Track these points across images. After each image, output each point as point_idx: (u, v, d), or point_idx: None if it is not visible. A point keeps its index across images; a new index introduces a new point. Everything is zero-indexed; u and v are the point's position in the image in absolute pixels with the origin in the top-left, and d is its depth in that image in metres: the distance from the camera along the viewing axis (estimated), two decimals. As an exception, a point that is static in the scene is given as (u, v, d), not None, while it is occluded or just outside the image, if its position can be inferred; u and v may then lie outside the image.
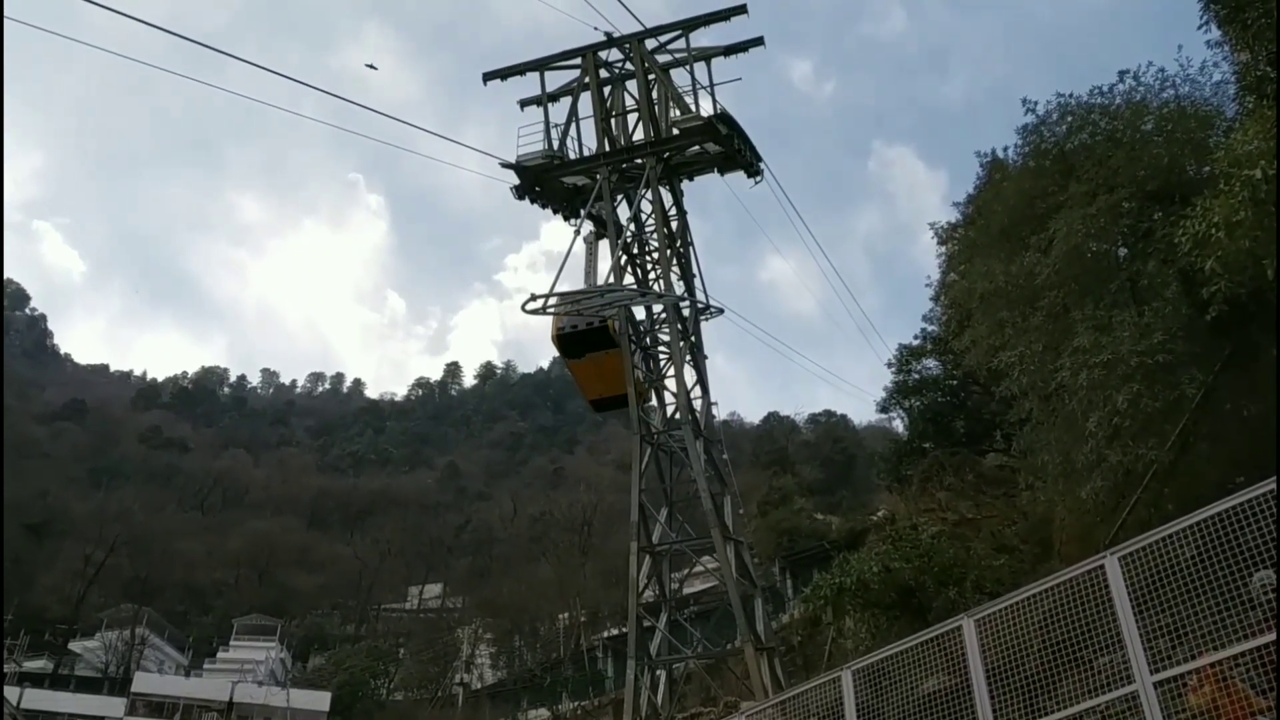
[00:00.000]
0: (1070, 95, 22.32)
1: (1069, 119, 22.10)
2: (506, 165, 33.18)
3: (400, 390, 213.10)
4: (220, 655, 78.97)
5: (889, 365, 40.40)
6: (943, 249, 32.01)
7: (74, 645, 75.98)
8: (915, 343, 39.42)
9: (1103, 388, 18.14)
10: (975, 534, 28.04)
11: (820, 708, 13.89)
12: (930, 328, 38.45)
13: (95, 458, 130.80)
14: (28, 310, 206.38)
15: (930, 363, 38.74)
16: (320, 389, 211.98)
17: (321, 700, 62.86)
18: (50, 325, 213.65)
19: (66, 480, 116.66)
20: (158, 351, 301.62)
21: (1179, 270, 17.89)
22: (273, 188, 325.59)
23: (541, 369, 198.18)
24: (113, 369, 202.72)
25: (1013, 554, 25.51)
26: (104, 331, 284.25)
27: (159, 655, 77.56)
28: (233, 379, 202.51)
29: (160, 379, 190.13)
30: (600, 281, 27.89)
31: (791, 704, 14.30)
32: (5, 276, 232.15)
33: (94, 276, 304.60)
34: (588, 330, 27.21)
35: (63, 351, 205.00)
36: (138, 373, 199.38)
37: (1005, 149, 25.95)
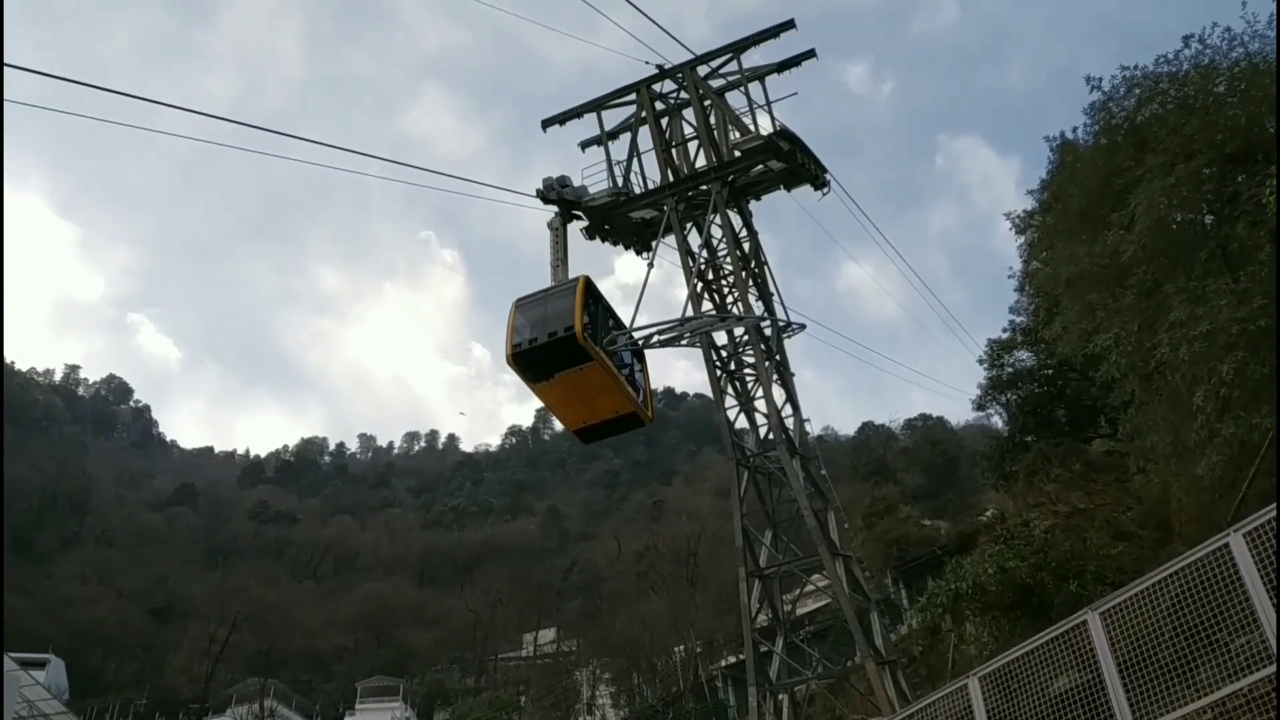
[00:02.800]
0: (1135, 67, 21.89)
1: (1137, 91, 21.64)
2: (576, 207, 33.51)
3: (494, 440, 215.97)
4: (347, 719, 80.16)
5: (980, 361, 39.80)
6: (1022, 238, 31.45)
7: (207, 723, 77.79)
8: (1005, 336, 38.82)
9: (1206, 360, 17.62)
10: (1090, 524, 27.35)
11: (950, 718, 13.61)
12: (1018, 319, 37.83)
13: (209, 538, 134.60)
14: (132, 403, 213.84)
15: (1022, 354, 38.06)
16: (416, 448, 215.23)
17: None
18: (154, 415, 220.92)
19: (184, 563, 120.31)
20: (257, 428, 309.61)
21: (1270, 231, 17.34)
22: (350, 255, 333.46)
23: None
24: (217, 450, 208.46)
25: (1131, 541, 24.82)
26: (204, 415, 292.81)
27: (289, 725, 79.00)
28: (332, 447, 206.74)
29: (263, 455, 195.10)
30: (571, 270, 22.95)
31: (920, 717, 14.03)
32: (109, 372, 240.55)
33: (189, 362, 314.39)
34: (551, 343, 20.03)
35: (169, 439, 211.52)
36: (241, 451, 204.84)
37: (1075, 130, 25.47)
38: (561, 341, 19.90)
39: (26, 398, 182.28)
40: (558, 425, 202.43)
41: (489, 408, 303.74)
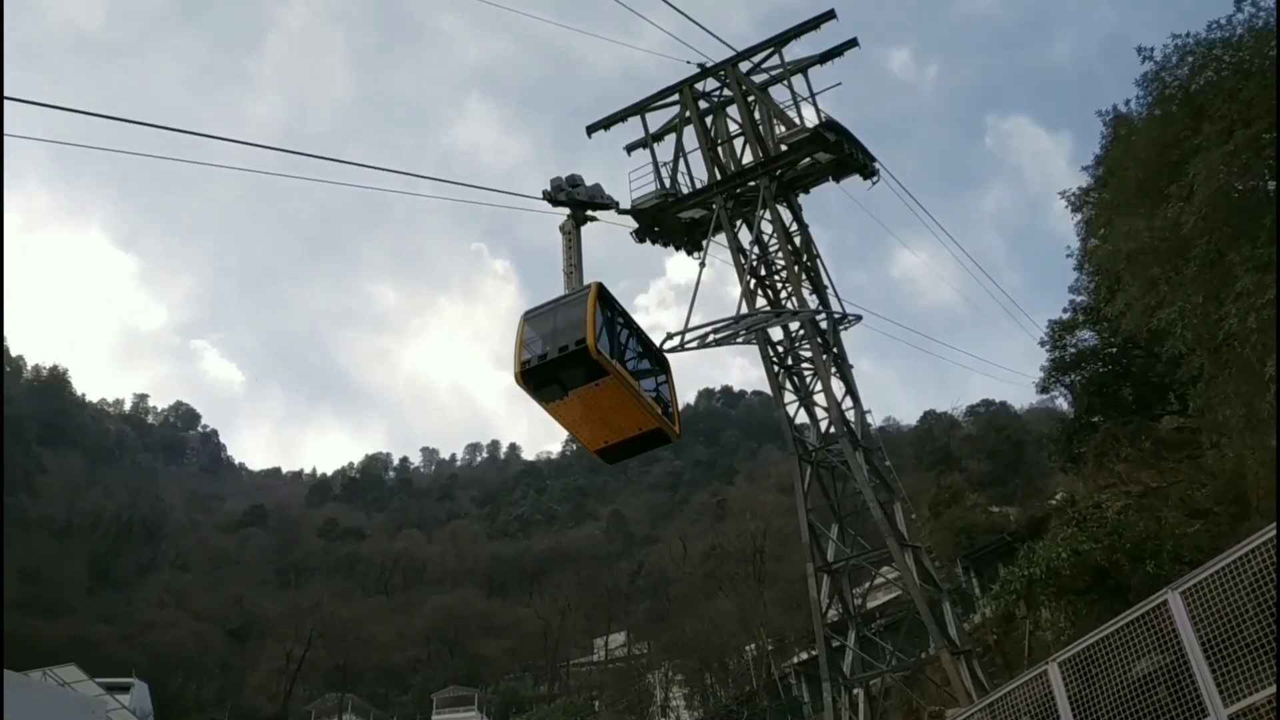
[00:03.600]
0: (1187, 35, 21.42)
1: (1190, 59, 21.20)
2: (623, 212, 33.49)
3: (555, 447, 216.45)
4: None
5: (1042, 343, 39.20)
6: (1078, 215, 30.86)
7: (288, 739, 79.01)
8: (1065, 316, 38.16)
9: (1275, 328, 17.20)
10: (1164, 503, 26.85)
11: (1030, 705, 13.43)
12: (1079, 298, 37.16)
13: (280, 557, 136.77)
14: (200, 428, 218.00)
15: (1085, 334, 37.41)
16: (479, 459, 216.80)
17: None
18: (222, 439, 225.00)
19: (258, 583, 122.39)
20: (322, 447, 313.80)
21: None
22: (404, 271, 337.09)
23: (688, 405, 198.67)
24: (284, 470, 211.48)
25: (1207, 518, 24.32)
26: (270, 436, 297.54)
27: (368, 738, 79.97)
28: (395, 462, 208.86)
29: (329, 473, 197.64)
30: (585, 276, 19.79)
31: (1000, 705, 13.85)
32: (176, 399, 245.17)
33: (253, 385, 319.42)
34: (562, 358, 18.08)
35: (237, 462, 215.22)
36: (307, 471, 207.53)
37: (1127, 102, 25.01)
38: (573, 356, 17.62)
39: (99, 428, 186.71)
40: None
41: (547, 415, 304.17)
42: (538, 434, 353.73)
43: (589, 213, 21.51)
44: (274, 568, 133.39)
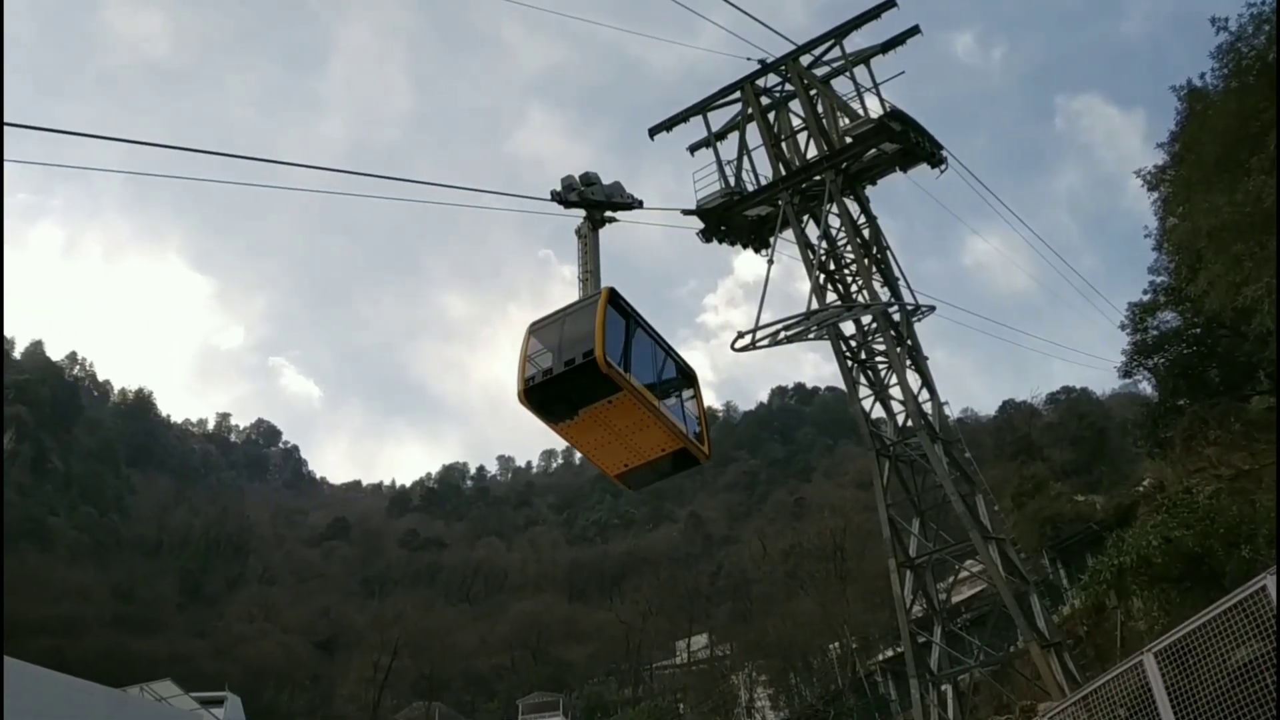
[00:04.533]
0: (1263, 2, 20.80)
1: (1266, 28, 20.59)
2: (688, 212, 33.48)
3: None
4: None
5: (1122, 327, 38.35)
6: (1155, 194, 30.09)
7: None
8: (1146, 298, 37.25)
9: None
10: (1257, 486, 26.07)
11: (1126, 697, 13.11)
12: (1159, 279, 36.25)
13: (364, 569, 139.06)
14: (281, 444, 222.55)
15: (1167, 315, 36.52)
16: (554, 465, 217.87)
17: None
18: (303, 454, 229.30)
19: (343, 595, 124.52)
20: (400, 459, 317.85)
21: None
22: (473, 282, 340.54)
23: (762, 403, 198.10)
24: (364, 483, 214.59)
25: (1304, 500, 23.53)
26: (349, 450, 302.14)
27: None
28: (472, 471, 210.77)
29: (408, 484, 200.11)
30: (597, 276, 18.02)
31: (1094, 698, 13.54)
32: (257, 417, 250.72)
33: (330, 400, 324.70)
34: (569, 373, 16.07)
35: (318, 476, 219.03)
36: (387, 483, 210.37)
37: (1202, 76, 24.38)
38: (581, 370, 15.64)
39: (185, 448, 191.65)
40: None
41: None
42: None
43: (608, 214, 19.37)
44: (358, 579, 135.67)
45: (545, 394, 16.19)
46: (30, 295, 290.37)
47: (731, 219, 34.06)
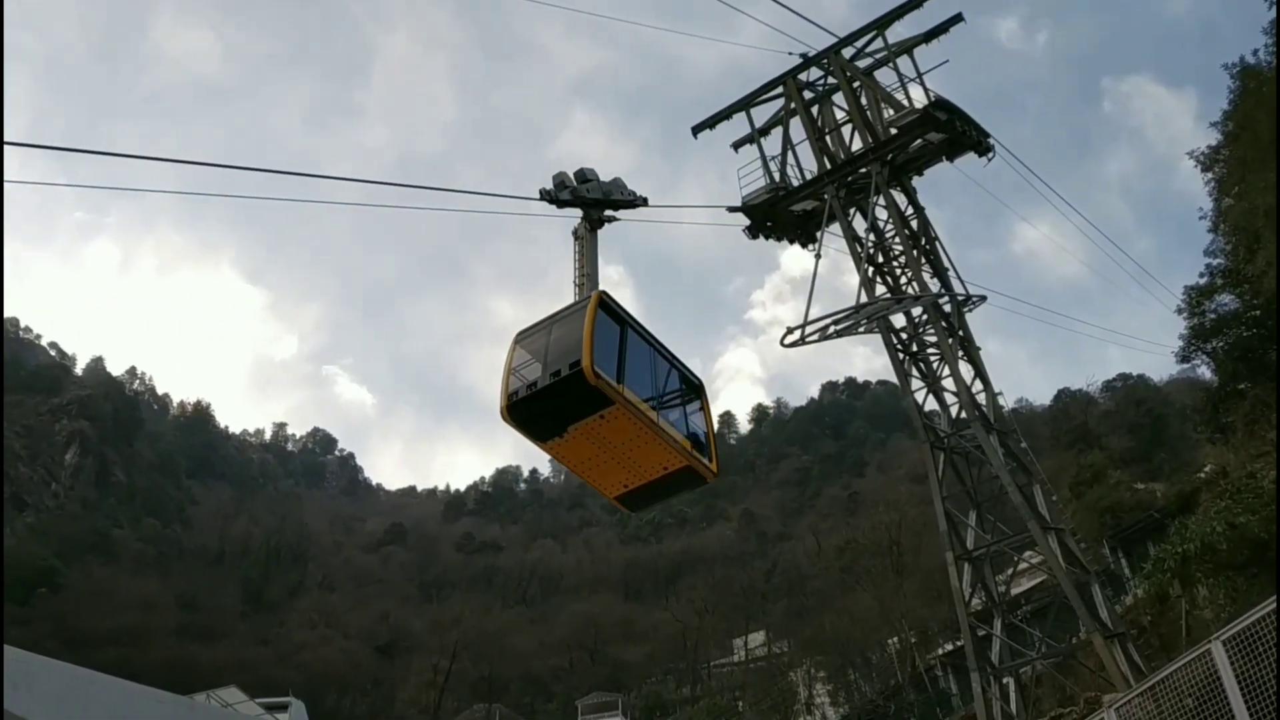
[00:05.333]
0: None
1: (1319, 1, 20.16)
2: (734, 210, 33.44)
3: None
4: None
5: (1179, 311, 37.67)
6: (1209, 174, 29.66)
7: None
8: (1203, 281, 36.61)
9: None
10: (1324, 469, 25.50)
11: (1194, 686, 12.91)
12: (1215, 261, 35.62)
13: (421, 573, 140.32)
14: (337, 452, 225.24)
15: (1225, 298, 35.83)
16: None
17: (675, 765, 64.01)
18: (359, 461, 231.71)
19: (402, 600, 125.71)
20: (454, 463, 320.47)
21: None
22: (519, 285, 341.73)
23: (812, 399, 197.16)
24: (419, 489, 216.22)
25: (1373, 482, 23.02)
26: (403, 456, 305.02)
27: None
28: (525, 474, 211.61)
29: (462, 488, 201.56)
30: (594, 281, 16.63)
31: (1161, 688, 13.35)
32: (313, 425, 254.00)
33: (383, 407, 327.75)
34: (555, 385, 14.49)
35: (374, 483, 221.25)
36: (441, 487, 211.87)
37: (1255, 52, 24.00)
38: (568, 382, 14.14)
39: (243, 458, 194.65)
40: (742, 428, 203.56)
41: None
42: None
43: (608, 213, 17.92)
44: (416, 584, 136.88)
45: (530, 410, 14.74)
46: (89, 312, 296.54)
47: (777, 215, 33.93)
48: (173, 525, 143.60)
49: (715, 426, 16.88)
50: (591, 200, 17.45)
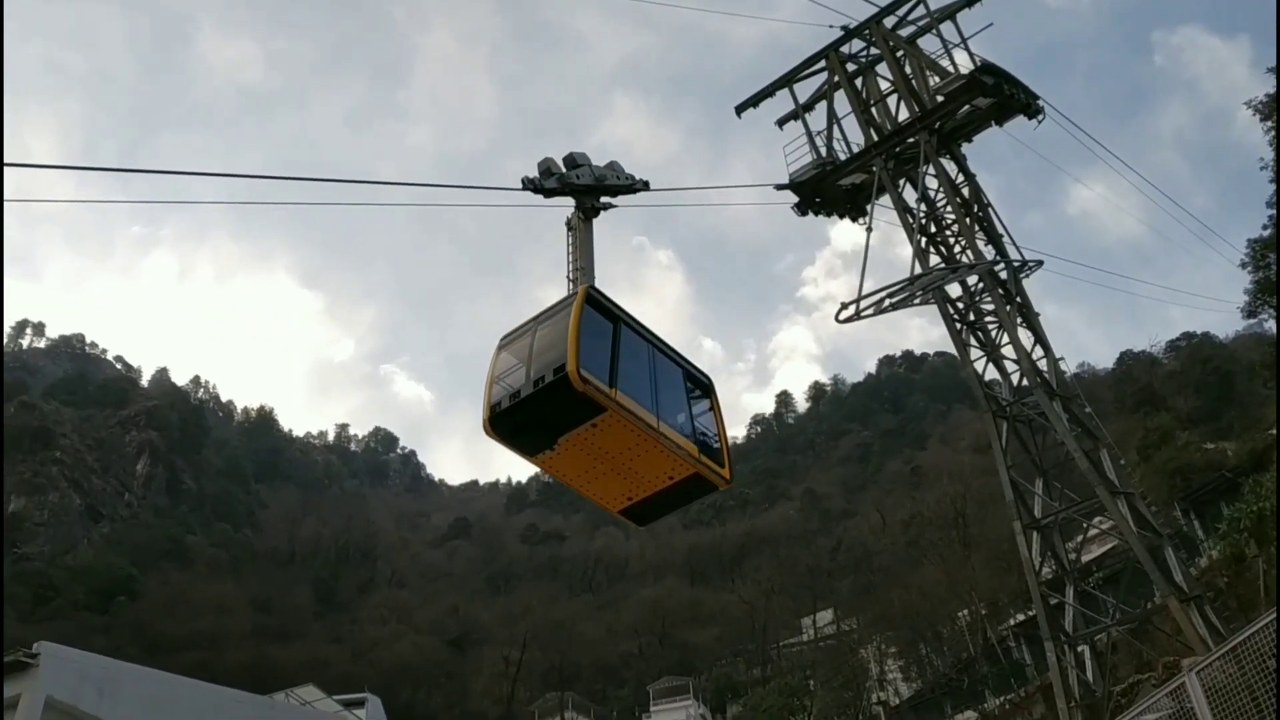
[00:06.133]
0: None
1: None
2: (781, 187, 33.26)
3: (739, 432, 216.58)
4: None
5: (1243, 265, 36.97)
6: (1268, 123, 28.91)
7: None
8: (1266, 233, 35.85)
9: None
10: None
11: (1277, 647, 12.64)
12: (1278, 212, 34.82)
13: (487, 566, 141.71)
14: (399, 450, 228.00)
15: (1290, 249, 35.05)
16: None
17: (749, 746, 64.10)
18: (420, 458, 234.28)
19: (470, 593, 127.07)
20: (515, 456, 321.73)
21: None
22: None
23: (870, 374, 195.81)
24: (481, 482, 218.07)
25: None
26: (463, 451, 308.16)
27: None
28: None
29: (524, 480, 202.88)
30: (590, 274, 15.34)
31: (1244, 649, 13.09)
32: (374, 425, 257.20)
33: (441, 403, 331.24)
34: (540, 394, 13.14)
35: (436, 479, 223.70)
36: (503, 480, 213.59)
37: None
38: (553, 389, 12.81)
39: (308, 460, 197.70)
40: (800, 407, 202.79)
41: (728, 399, 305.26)
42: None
43: (604, 199, 16.39)
44: (483, 576, 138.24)
45: (514, 422, 13.49)
46: (151, 324, 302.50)
47: (825, 190, 33.68)
48: (243, 529, 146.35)
49: (726, 427, 15.39)
50: (583, 187, 16.07)
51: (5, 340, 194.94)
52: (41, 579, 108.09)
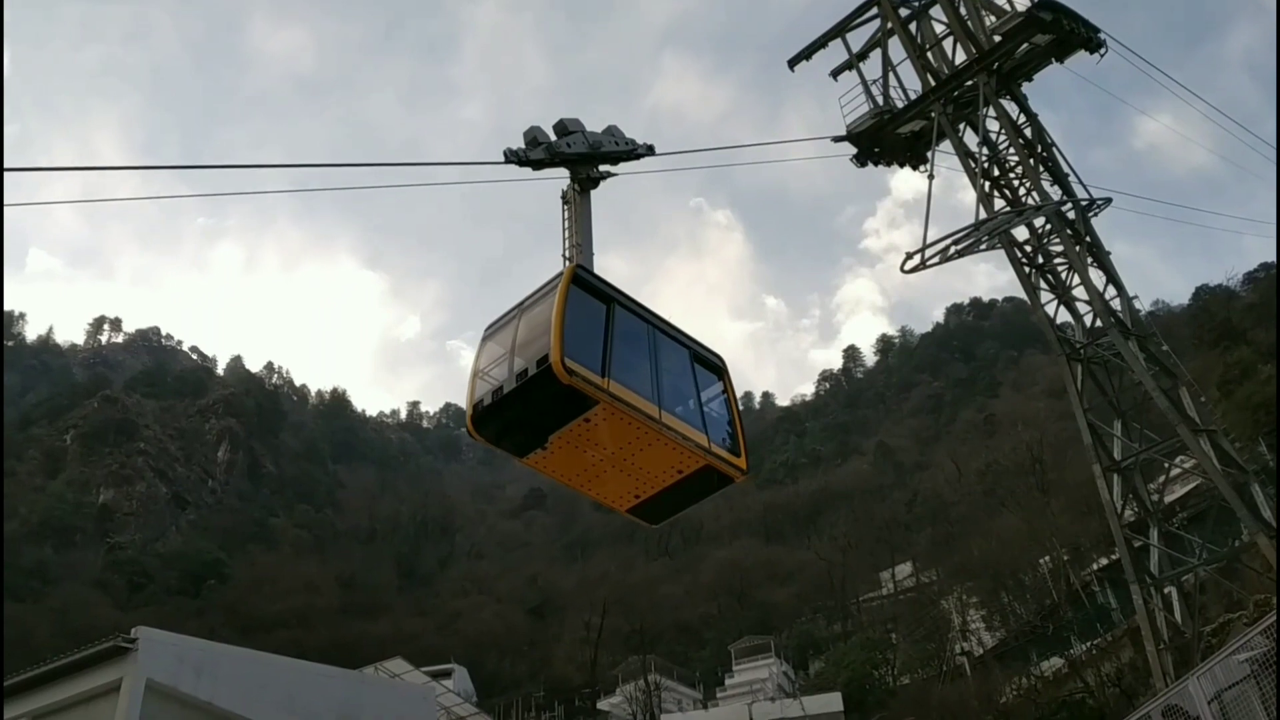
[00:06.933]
0: None
1: None
2: (839, 139, 32.88)
3: (808, 389, 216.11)
4: (727, 682, 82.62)
5: (1322, 190, 35.76)
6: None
7: (602, 705, 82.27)
8: (1344, 156, 34.62)
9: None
10: None
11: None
12: (1357, 132, 33.61)
13: (564, 535, 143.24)
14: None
15: (1371, 170, 33.84)
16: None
17: (833, 701, 64.07)
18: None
19: (548, 561, 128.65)
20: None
21: None
22: (629, 241, 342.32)
23: (938, 323, 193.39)
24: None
25: None
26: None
27: (675, 695, 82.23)
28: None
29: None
30: (588, 251, 14.23)
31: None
32: (444, 400, 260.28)
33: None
34: (524, 389, 11.81)
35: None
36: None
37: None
38: (537, 383, 11.53)
39: (382, 439, 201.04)
40: (869, 360, 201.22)
41: (795, 355, 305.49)
42: (787, 378, 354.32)
43: (602, 168, 14.83)
44: (560, 545, 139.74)
45: (500, 420, 12.32)
46: (222, 313, 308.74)
47: (884, 139, 33.22)
48: (325, 509, 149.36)
49: (740, 411, 13.99)
50: (575, 156, 14.55)
51: (84, 338, 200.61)
52: (134, 567, 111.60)
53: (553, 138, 14.19)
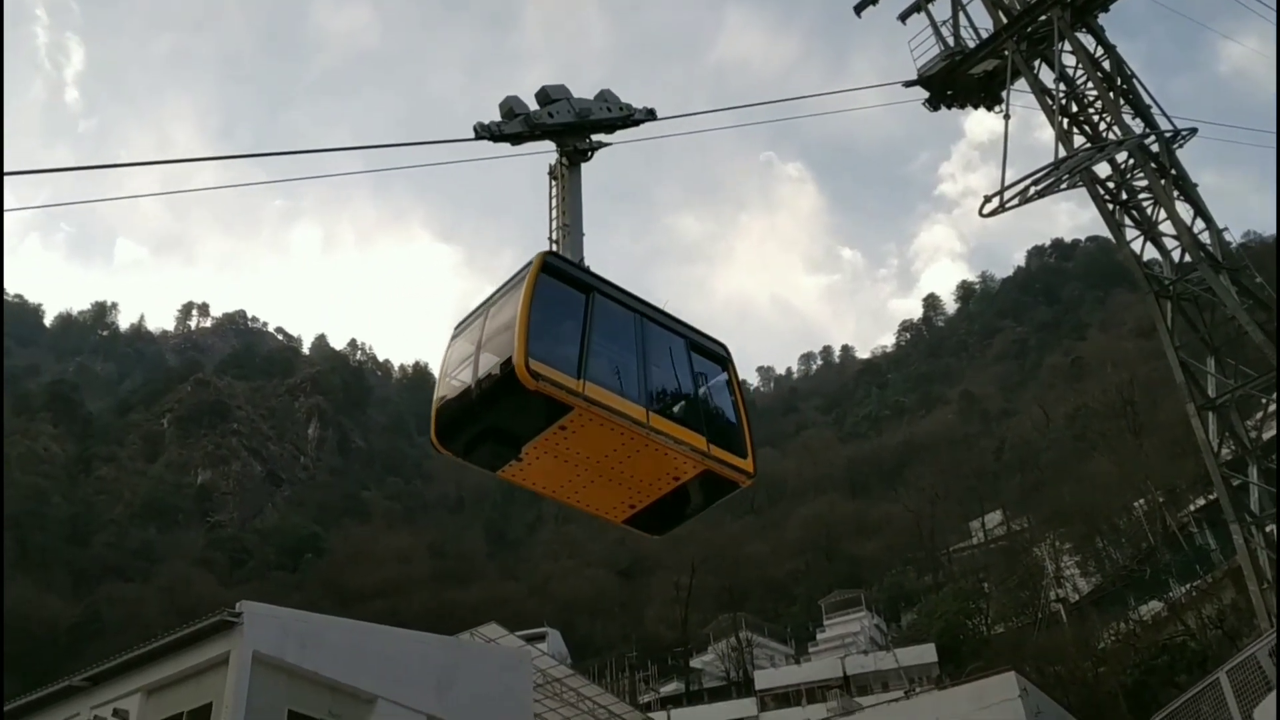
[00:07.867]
0: None
1: None
2: (910, 84, 32.20)
3: (888, 340, 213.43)
4: (819, 636, 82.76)
5: None
6: None
7: (694, 663, 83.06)
8: None
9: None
10: None
11: None
12: None
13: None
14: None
15: None
16: (814, 367, 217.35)
17: (927, 652, 63.99)
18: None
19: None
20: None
21: None
22: (701, 199, 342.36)
23: (1020, 267, 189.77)
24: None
25: None
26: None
27: (766, 651, 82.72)
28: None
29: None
30: (578, 230, 13.12)
31: None
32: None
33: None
34: (487, 397, 10.40)
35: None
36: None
37: None
38: (502, 388, 10.16)
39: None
40: (949, 308, 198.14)
41: (873, 307, 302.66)
42: (866, 330, 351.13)
43: (594, 138, 13.23)
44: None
45: (465, 430, 10.93)
46: (305, 293, 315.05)
47: (956, 81, 32.40)
48: (414, 480, 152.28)
49: (745, 405, 12.77)
50: (558, 127, 12.87)
51: (174, 324, 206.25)
52: (234, 544, 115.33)
53: (533, 108, 12.77)
